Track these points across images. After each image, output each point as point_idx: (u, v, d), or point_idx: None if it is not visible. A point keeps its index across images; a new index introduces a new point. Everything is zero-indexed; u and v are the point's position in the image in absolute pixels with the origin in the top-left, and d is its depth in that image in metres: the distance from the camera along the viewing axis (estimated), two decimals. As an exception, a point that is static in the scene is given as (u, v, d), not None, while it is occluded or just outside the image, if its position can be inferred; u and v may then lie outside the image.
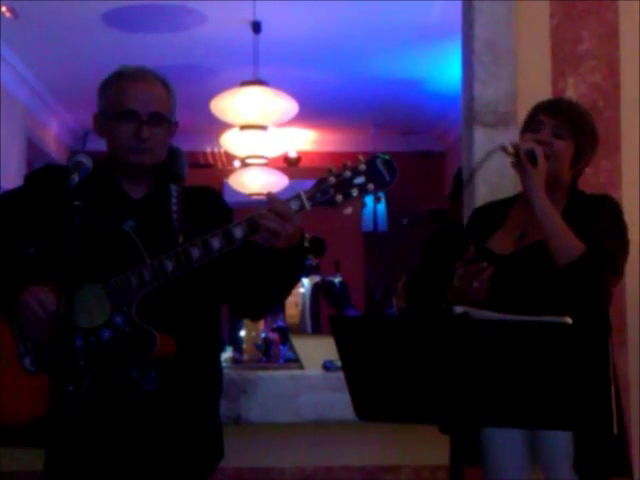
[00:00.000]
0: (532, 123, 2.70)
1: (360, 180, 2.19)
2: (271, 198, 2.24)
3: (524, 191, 2.63)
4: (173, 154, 2.54)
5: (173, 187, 2.45)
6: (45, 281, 2.28)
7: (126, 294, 2.25)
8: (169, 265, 2.23)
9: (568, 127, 2.66)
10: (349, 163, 2.20)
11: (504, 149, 2.61)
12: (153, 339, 2.24)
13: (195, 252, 2.23)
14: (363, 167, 2.19)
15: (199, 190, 2.57)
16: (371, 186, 2.19)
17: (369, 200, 8.50)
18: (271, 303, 2.56)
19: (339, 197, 2.19)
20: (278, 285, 2.40)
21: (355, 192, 2.19)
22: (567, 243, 2.51)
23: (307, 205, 2.21)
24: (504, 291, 2.54)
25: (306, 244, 2.31)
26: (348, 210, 2.26)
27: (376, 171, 2.19)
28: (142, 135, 2.35)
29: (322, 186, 2.20)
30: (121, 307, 2.26)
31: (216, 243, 2.23)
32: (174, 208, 2.41)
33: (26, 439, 2.28)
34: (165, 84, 2.43)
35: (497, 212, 2.77)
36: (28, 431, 2.25)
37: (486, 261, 2.51)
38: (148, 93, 2.39)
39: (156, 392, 2.31)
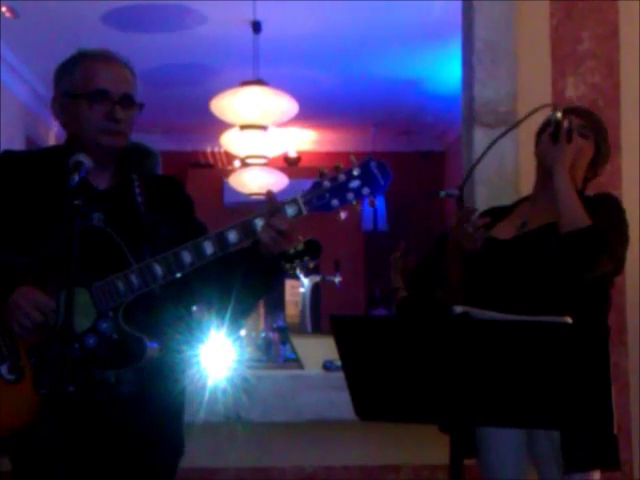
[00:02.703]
0: None
1: (355, 184, 2.16)
2: (272, 209, 2.18)
3: (550, 162, 2.63)
4: (147, 153, 2.48)
5: (135, 176, 2.35)
6: (32, 283, 2.15)
7: (112, 299, 2.15)
8: (158, 270, 2.15)
9: (591, 129, 2.71)
10: (342, 166, 2.17)
11: (555, 111, 2.60)
12: (143, 346, 2.16)
13: (187, 256, 2.15)
14: (357, 171, 2.16)
15: (160, 179, 2.51)
16: (366, 190, 2.16)
17: (364, 204, 8.49)
18: (246, 310, 2.45)
19: (335, 202, 2.16)
20: (254, 291, 2.31)
21: (351, 196, 2.16)
22: (576, 212, 2.55)
23: (304, 210, 2.17)
24: (504, 274, 2.58)
25: (301, 247, 2.28)
26: (343, 214, 2.24)
27: (370, 174, 2.16)
28: (116, 116, 2.25)
29: (318, 191, 2.16)
30: (106, 312, 2.16)
31: (209, 247, 2.16)
32: (139, 199, 2.32)
33: (5, 449, 2.20)
34: (130, 67, 2.34)
35: (501, 212, 2.81)
36: (8, 442, 2.15)
37: (488, 248, 2.55)
38: (118, 74, 2.29)
39: (133, 394, 2.22)
